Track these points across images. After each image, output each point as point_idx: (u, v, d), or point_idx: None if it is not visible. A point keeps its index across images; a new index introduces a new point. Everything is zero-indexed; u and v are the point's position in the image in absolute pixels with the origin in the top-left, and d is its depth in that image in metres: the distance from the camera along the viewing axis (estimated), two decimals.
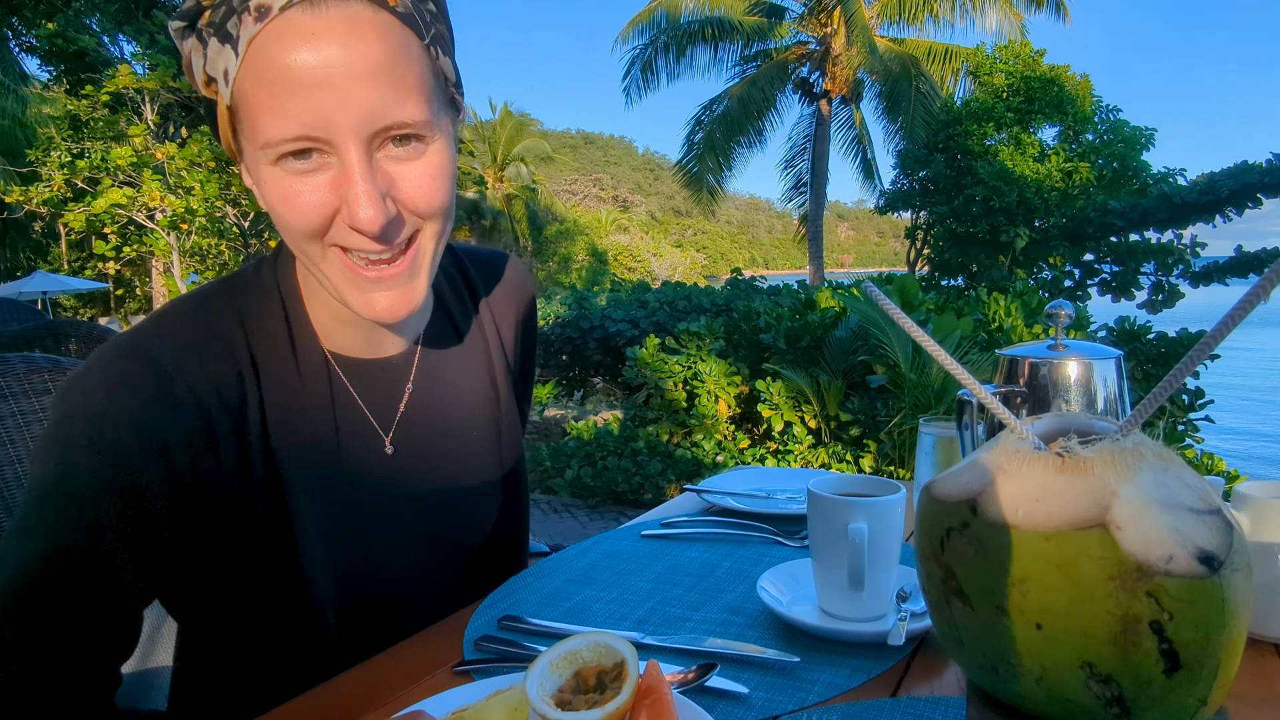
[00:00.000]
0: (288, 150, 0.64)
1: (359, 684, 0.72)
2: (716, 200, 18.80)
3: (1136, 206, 11.80)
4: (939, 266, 13.86)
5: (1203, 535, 0.42)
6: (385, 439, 0.84)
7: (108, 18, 16.34)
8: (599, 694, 0.59)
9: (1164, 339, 5.99)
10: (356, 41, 0.62)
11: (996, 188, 12.26)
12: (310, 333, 0.80)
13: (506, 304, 1.00)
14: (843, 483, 0.80)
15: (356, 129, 0.64)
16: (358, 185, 0.64)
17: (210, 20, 0.63)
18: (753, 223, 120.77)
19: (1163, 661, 0.42)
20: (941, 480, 0.51)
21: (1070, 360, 0.83)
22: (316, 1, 0.61)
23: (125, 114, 12.61)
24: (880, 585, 0.75)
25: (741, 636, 0.75)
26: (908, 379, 4.75)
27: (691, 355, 6.10)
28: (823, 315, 5.74)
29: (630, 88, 17.75)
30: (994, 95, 13.46)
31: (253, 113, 0.64)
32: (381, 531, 0.84)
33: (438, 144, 0.69)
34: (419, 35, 0.67)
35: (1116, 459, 0.45)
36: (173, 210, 10.80)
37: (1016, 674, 0.47)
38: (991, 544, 0.46)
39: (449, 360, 0.91)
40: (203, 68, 0.66)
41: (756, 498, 1.15)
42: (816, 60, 17.37)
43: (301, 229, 0.67)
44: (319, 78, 0.61)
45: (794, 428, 5.37)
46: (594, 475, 5.70)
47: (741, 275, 10.30)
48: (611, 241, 36.64)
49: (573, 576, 0.93)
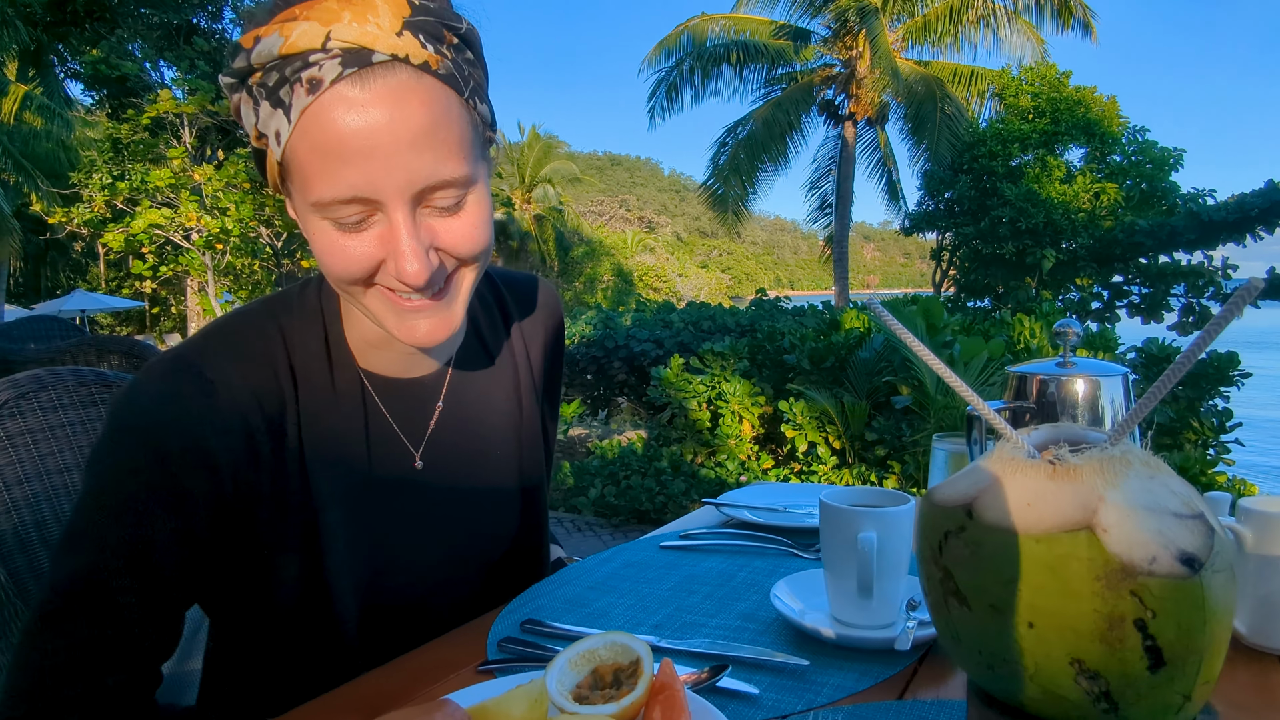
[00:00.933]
0: (340, 211, 0.68)
1: (385, 681, 0.75)
2: (741, 221, 18.86)
3: (1164, 225, 11.67)
4: (965, 288, 13.78)
5: (1185, 538, 0.45)
6: (415, 455, 0.88)
7: (149, 44, 16.87)
8: (615, 690, 0.62)
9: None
10: (402, 110, 0.66)
11: (1023, 209, 12.19)
12: (347, 353, 0.84)
13: (536, 326, 1.03)
14: (854, 495, 0.82)
15: (402, 190, 0.67)
16: (404, 243, 0.68)
17: (261, 81, 0.67)
18: (778, 243, 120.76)
19: (1147, 658, 0.44)
20: (941, 487, 0.54)
21: (1078, 377, 0.85)
22: (364, 75, 0.65)
23: (164, 137, 12.99)
24: (889, 594, 0.77)
25: (755, 642, 0.78)
26: (933, 400, 4.73)
27: (715, 375, 6.12)
28: (847, 336, 5.74)
29: (655, 109, 17.95)
30: (1019, 117, 13.42)
31: (305, 174, 0.68)
32: (406, 544, 0.87)
33: (476, 192, 0.73)
34: (459, 92, 0.70)
35: (1105, 466, 0.48)
36: (208, 230, 11.08)
37: (1011, 671, 0.49)
38: (986, 546, 0.49)
39: (478, 381, 0.94)
40: (254, 124, 0.70)
41: (773, 511, 1.17)
42: (841, 83, 17.44)
43: (347, 278, 0.71)
44: (368, 146, 0.65)
45: (818, 448, 5.36)
46: (617, 494, 5.72)
47: (766, 296, 10.31)
48: (637, 262, 36.84)
49: (593, 584, 0.96)
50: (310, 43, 0.64)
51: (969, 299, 13.55)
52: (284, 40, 0.64)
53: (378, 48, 0.65)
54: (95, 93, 17.75)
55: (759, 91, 18.13)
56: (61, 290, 25.39)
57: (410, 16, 0.67)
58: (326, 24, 0.64)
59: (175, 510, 0.72)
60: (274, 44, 0.65)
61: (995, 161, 13.05)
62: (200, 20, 17.44)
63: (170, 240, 11.73)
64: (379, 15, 0.65)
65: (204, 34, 16.97)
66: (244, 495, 0.76)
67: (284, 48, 0.64)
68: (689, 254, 59.01)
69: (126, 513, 0.71)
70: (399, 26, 0.66)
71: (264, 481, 0.77)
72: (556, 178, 33.72)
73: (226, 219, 11.05)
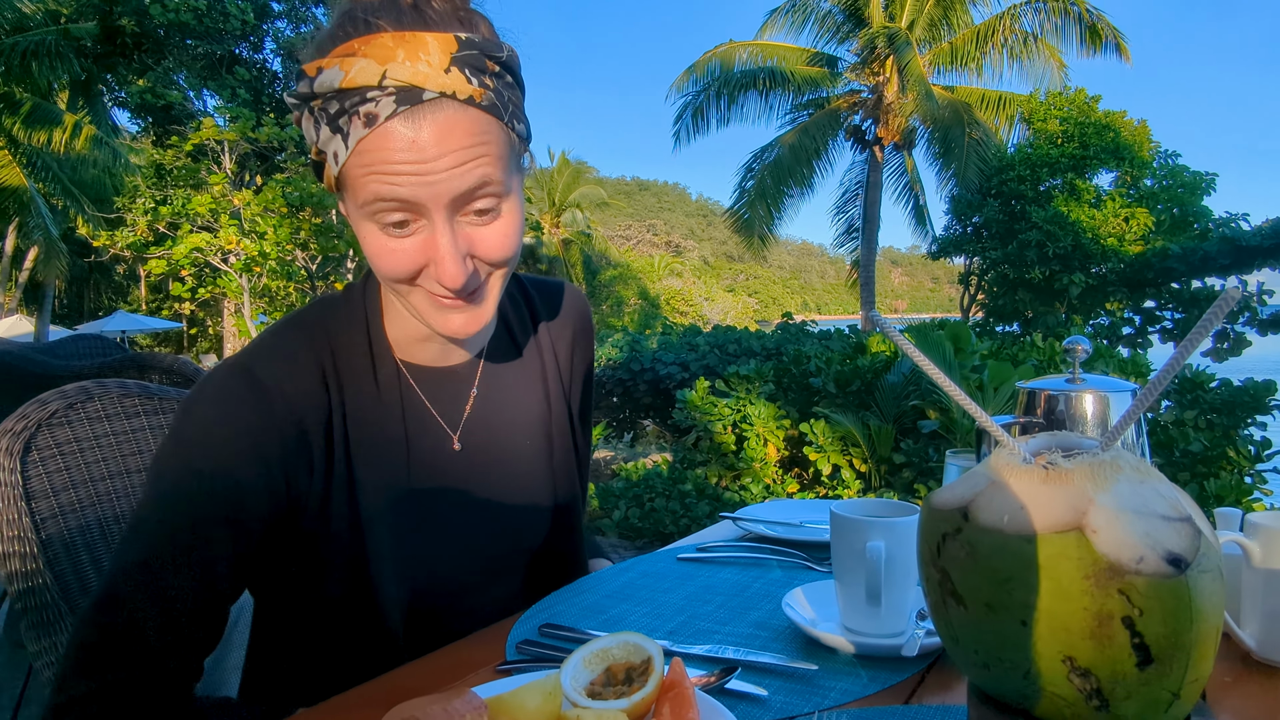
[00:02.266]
0: (387, 213, 0.75)
1: (406, 679, 0.78)
2: (768, 245, 18.88)
3: (1197, 250, 11.49)
4: (993, 312, 13.65)
5: (1172, 539, 0.46)
6: (453, 437, 0.94)
7: (193, 74, 17.43)
8: (627, 687, 0.64)
9: (1228, 387, 5.79)
10: (447, 141, 0.73)
11: (1051, 233, 12.08)
12: (386, 346, 0.91)
13: (563, 327, 1.09)
14: (864, 507, 0.84)
15: (442, 200, 0.75)
16: (444, 251, 0.76)
17: (323, 107, 0.74)
18: (805, 268, 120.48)
19: (1135, 655, 0.46)
20: (939, 492, 0.56)
21: (1087, 393, 0.86)
22: (415, 111, 0.72)
23: (206, 163, 13.37)
24: (898, 603, 0.78)
25: (766, 649, 0.79)
26: (960, 424, 4.69)
27: (741, 398, 6.12)
28: (873, 360, 5.72)
29: (680, 132, 18.09)
30: (1048, 141, 13.34)
31: (357, 189, 0.76)
32: (446, 528, 0.92)
33: (510, 202, 0.80)
34: (499, 117, 0.76)
35: (1095, 470, 0.49)
36: (246, 253, 11.35)
37: (1007, 669, 0.51)
38: (981, 547, 0.51)
39: (508, 372, 1.01)
40: (315, 141, 0.78)
41: (788, 525, 1.19)
42: (869, 108, 17.48)
43: (393, 277, 0.79)
44: (415, 171, 0.73)
45: (841, 471, 5.32)
46: (641, 516, 5.72)
47: (792, 320, 10.30)
48: (664, 286, 36.97)
49: (610, 592, 0.98)
50: (368, 80, 0.71)
51: (997, 324, 13.41)
52: (344, 75, 0.72)
53: (428, 86, 0.72)
54: (141, 120, 18.36)
55: (786, 117, 18.24)
56: (103, 312, 26.07)
57: (457, 52, 0.73)
58: (383, 62, 0.71)
59: (229, 508, 0.77)
60: (335, 77, 0.72)
61: (1024, 186, 12.97)
62: (242, 50, 17.99)
63: (209, 263, 12.03)
64: (430, 53, 0.72)
65: (245, 64, 17.50)
66: (294, 491, 0.82)
67: (344, 82, 0.72)
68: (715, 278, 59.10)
69: (184, 507, 0.76)
70: (447, 63, 0.73)
71: (314, 477, 0.84)
72: (585, 202, 34.07)
73: (264, 242, 11.32)
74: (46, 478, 1.11)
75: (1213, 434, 5.48)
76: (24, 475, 1.08)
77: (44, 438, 1.12)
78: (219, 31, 16.89)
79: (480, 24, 0.78)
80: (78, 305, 26.81)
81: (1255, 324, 11.74)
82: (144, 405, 1.27)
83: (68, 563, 1.10)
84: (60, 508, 1.11)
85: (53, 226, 17.23)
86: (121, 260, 18.76)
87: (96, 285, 26.80)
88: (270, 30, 18.24)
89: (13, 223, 17.80)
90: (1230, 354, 11.70)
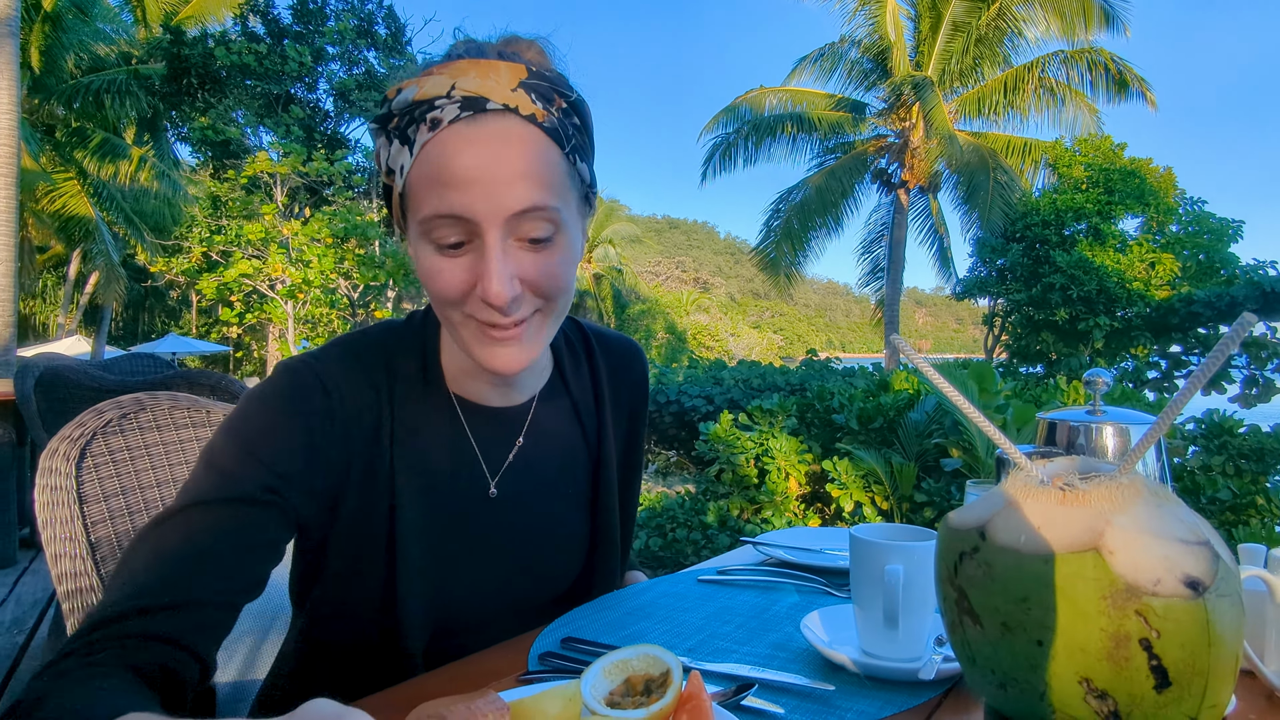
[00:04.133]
0: (442, 230, 0.75)
1: (427, 686, 0.78)
2: (793, 284, 18.86)
3: (1224, 296, 11.24)
4: (1017, 353, 13.44)
5: (1190, 563, 0.45)
6: (491, 483, 0.92)
7: (251, 112, 18.02)
8: (645, 698, 0.63)
9: (1256, 433, 5.62)
10: (505, 150, 0.74)
11: (1075, 276, 11.92)
12: (440, 376, 0.91)
13: (621, 381, 1.07)
14: (884, 532, 0.83)
15: (496, 214, 0.74)
16: (492, 265, 0.75)
17: (396, 124, 0.77)
18: (830, 306, 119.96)
19: (1153, 677, 0.45)
20: (958, 512, 0.55)
21: (1107, 425, 0.85)
22: (478, 118, 0.74)
23: (259, 195, 13.74)
24: (916, 628, 0.77)
25: (784, 669, 0.78)
26: (984, 463, 4.61)
27: (764, 432, 6.07)
28: (896, 397, 5.66)
29: (707, 171, 18.24)
30: (1073, 187, 13.23)
31: (417, 197, 0.77)
32: (474, 566, 0.91)
33: (564, 238, 0.79)
34: (560, 145, 0.77)
35: (1113, 493, 0.49)
36: (292, 281, 11.60)
37: (1023, 690, 0.50)
38: (998, 566, 0.50)
39: (557, 416, 0.99)
40: (385, 161, 0.80)
41: (809, 551, 1.17)
42: (895, 152, 17.52)
43: (443, 297, 0.79)
44: (473, 176, 0.73)
45: (864, 508, 5.24)
46: (663, 546, 5.67)
47: (817, 357, 10.24)
48: (691, 321, 37.01)
49: (631, 609, 0.98)
50: (437, 91, 0.74)
51: (1021, 365, 13.20)
52: (418, 89, 0.75)
53: (493, 97, 0.74)
54: (200, 154, 18.98)
55: (813, 160, 18.33)
56: (156, 334, 26.74)
57: (526, 79, 0.76)
58: (454, 78, 0.75)
59: (274, 485, 0.77)
60: (410, 94, 0.76)
61: (1048, 231, 12.85)
62: (297, 90, 18.58)
63: (257, 289, 12.31)
64: (499, 75, 0.75)
65: (300, 103, 18.07)
66: (333, 485, 0.83)
67: (417, 95, 0.75)
68: (742, 314, 59.04)
69: (233, 478, 0.76)
70: (515, 85, 0.75)
71: (354, 482, 0.84)
72: (617, 239, 34.39)
73: (309, 270, 11.56)
74: (99, 483, 1.14)
75: (1241, 481, 5.31)
76: (79, 479, 1.11)
77: (99, 445, 1.16)
78: (277, 73, 17.48)
79: (554, 73, 0.80)
80: (133, 327, 27.52)
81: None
82: (193, 417, 1.30)
83: (114, 564, 1.12)
84: (110, 512, 1.14)
85: (114, 253, 17.79)
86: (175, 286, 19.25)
87: (151, 309, 27.52)
88: (324, 72, 18.83)
89: (78, 249, 18.42)
90: (1259, 400, 11.37)
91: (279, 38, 18.25)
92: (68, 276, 19.82)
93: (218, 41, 17.67)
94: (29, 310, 22.21)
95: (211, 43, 17.77)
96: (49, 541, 1.08)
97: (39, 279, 21.62)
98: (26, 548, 4.79)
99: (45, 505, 1.09)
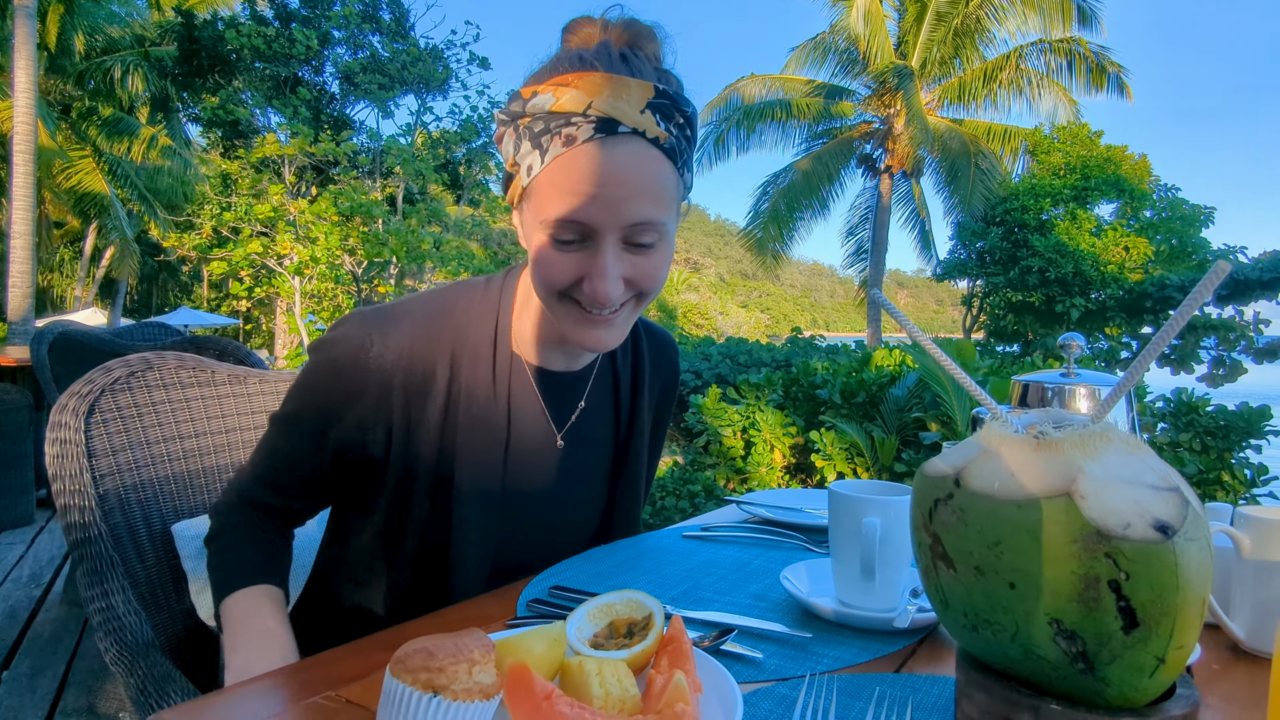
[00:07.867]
0: (563, 230, 0.79)
1: (416, 630, 0.77)
2: (780, 265, 18.80)
3: (1195, 280, 11.26)
4: (995, 333, 13.46)
5: (1159, 507, 0.44)
6: (558, 435, 0.98)
7: (260, 93, 17.76)
8: (628, 640, 0.63)
9: (1223, 412, 5.64)
10: (631, 172, 0.77)
11: (1052, 259, 11.90)
12: (508, 339, 0.94)
13: (657, 370, 1.13)
14: (862, 487, 0.82)
15: (616, 226, 0.78)
16: (607, 268, 0.79)
17: (529, 125, 0.79)
18: (815, 287, 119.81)
19: (1121, 618, 0.44)
20: (932, 461, 0.54)
21: (1080, 386, 0.84)
22: (609, 140, 0.76)
23: (268, 174, 13.57)
24: (892, 580, 0.76)
25: (764, 618, 0.78)
26: (962, 436, 4.62)
27: (750, 405, 6.08)
28: (878, 373, 5.66)
29: (701, 158, 18.09)
30: (1051, 173, 13.17)
31: (544, 198, 0.79)
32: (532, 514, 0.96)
33: (665, 242, 0.82)
34: (674, 162, 0.80)
35: (1085, 441, 0.48)
36: (299, 257, 11.49)
37: (994, 632, 0.49)
38: (971, 512, 0.49)
39: (603, 391, 1.05)
40: (512, 154, 0.82)
41: (791, 510, 1.17)
42: (880, 138, 17.39)
43: (552, 284, 0.82)
44: (598, 194, 0.76)
45: (845, 478, 5.27)
46: (652, 514, 5.69)
47: (802, 335, 10.22)
48: (681, 299, 36.92)
49: (618, 561, 0.97)
50: (574, 107, 0.76)
51: (998, 344, 13.22)
52: (555, 100, 0.76)
53: (624, 121, 0.76)
54: (211, 134, 18.72)
55: (801, 145, 18.18)
56: (169, 307, 26.57)
57: (653, 99, 0.77)
58: (590, 95, 0.76)
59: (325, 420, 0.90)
60: (546, 101, 0.77)
61: (1027, 215, 12.80)
62: (304, 73, 18.28)
63: (265, 265, 12.20)
64: (630, 95, 0.76)
65: (307, 85, 17.78)
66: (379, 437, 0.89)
67: (554, 106, 0.76)
68: (730, 294, 58.91)
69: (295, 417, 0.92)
70: (644, 105, 0.77)
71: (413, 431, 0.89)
72: None
73: (315, 248, 11.46)
74: (107, 438, 1.12)
75: (1208, 457, 5.35)
76: (87, 434, 1.10)
77: (107, 401, 1.14)
78: (285, 56, 17.17)
79: (673, 81, 0.82)
80: (147, 300, 27.33)
81: (1251, 352, 11.45)
82: (198, 377, 1.28)
83: (120, 516, 1.11)
84: (118, 466, 1.12)
85: (128, 228, 17.61)
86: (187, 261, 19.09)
87: (164, 283, 27.30)
88: (330, 55, 18.51)
89: (93, 224, 18.21)
90: (1226, 380, 11.41)
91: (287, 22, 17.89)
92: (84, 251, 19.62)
93: (228, 25, 17.35)
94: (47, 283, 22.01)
95: (222, 26, 17.44)
96: (59, 494, 1.07)
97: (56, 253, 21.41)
98: (44, 507, 4.78)
99: (55, 458, 1.08)
